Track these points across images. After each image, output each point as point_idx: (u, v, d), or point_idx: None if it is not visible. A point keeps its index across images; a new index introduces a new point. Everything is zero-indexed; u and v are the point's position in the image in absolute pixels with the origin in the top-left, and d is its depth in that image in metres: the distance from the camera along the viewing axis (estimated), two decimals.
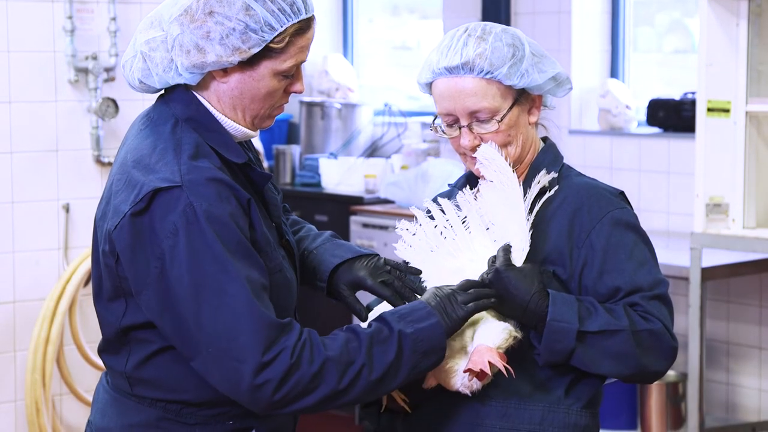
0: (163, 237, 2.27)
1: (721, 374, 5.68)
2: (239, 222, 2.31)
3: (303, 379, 2.26)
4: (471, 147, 2.55)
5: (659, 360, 2.47)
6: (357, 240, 6.23)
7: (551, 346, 2.43)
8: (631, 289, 2.48)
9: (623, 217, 2.53)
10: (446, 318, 2.37)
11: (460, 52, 2.52)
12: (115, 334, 2.42)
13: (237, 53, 2.34)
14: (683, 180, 5.76)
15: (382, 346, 2.32)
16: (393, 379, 2.33)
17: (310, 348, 2.28)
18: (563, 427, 2.51)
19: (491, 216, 2.52)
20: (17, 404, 5.19)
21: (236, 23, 2.33)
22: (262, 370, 2.24)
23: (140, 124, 2.47)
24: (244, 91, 2.40)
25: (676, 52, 6.63)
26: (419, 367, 2.35)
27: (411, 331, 2.33)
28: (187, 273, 2.26)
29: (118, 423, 2.45)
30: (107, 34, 5.29)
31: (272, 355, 2.25)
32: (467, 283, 2.42)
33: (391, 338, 2.32)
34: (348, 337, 2.33)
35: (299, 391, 2.27)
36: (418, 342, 2.34)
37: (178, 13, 2.36)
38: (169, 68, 2.39)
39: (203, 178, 2.30)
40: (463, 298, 2.40)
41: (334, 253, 2.62)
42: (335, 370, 2.28)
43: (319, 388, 2.28)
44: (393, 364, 2.32)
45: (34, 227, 5.17)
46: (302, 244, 2.67)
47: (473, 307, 2.40)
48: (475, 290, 2.42)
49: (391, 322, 2.34)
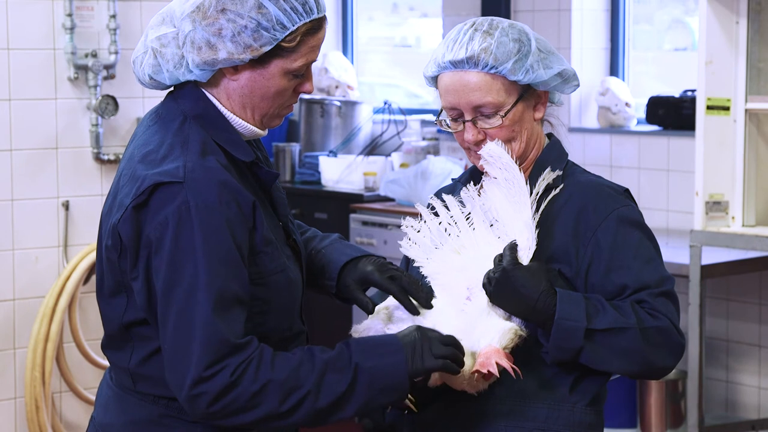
0: (153, 227, 2.29)
1: (721, 372, 5.68)
2: (235, 229, 2.30)
3: (241, 396, 2.26)
4: (474, 141, 2.55)
5: (667, 356, 2.46)
6: (357, 238, 6.23)
7: (559, 344, 2.42)
8: (639, 287, 2.47)
9: (629, 214, 2.53)
10: (411, 361, 2.33)
11: (465, 47, 2.52)
12: (117, 330, 2.43)
13: (248, 51, 2.34)
14: (683, 178, 5.75)
15: (336, 375, 2.30)
16: (342, 409, 2.32)
17: (257, 367, 2.27)
18: (568, 424, 2.51)
19: (495, 213, 2.52)
20: (17, 401, 5.19)
21: (248, 21, 2.33)
22: (200, 383, 2.26)
23: (149, 120, 2.47)
24: (254, 89, 2.39)
25: (675, 50, 6.63)
26: (375, 401, 2.33)
27: (370, 365, 2.31)
28: (165, 266, 2.28)
29: (120, 419, 2.45)
30: (107, 31, 5.28)
31: (213, 371, 2.25)
32: (449, 339, 2.38)
33: (347, 369, 2.31)
34: (302, 360, 2.31)
35: (237, 407, 2.27)
36: (376, 378, 2.31)
37: (190, 10, 2.36)
38: (180, 65, 2.39)
39: (207, 178, 2.30)
40: (437, 350, 2.35)
41: (343, 251, 2.62)
42: (277, 393, 2.28)
43: (259, 408, 2.28)
44: (344, 396, 2.30)
45: (33, 225, 5.16)
46: (310, 244, 2.67)
47: (441, 365, 2.35)
48: (452, 348, 2.36)
49: (353, 351, 2.33)
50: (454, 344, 2.37)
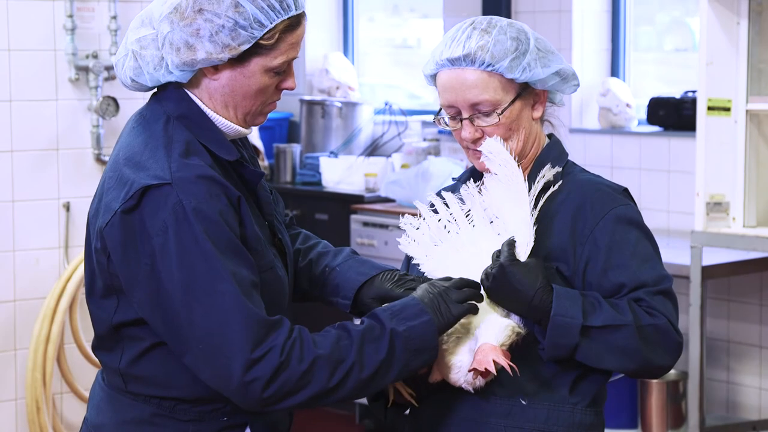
0: (153, 234, 2.28)
1: (722, 373, 5.68)
2: (229, 220, 2.32)
3: (292, 377, 2.27)
4: (472, 139, 2.55)
5: (664, 355, 2.46)
6: (357, 239, 6.23)
7: (555, 341, 2.42)
8: (636, 285, 2.47)
9: (627, 213, 2.53)
10: (439, 316, 2.37)
11: (463, 44, 2.52)
12: (107, 331, 2.44)
13: (227, 50, 2.35)
14: (684, 178, 5.76)
15: (374, 344, 2.32)
16: (384, 376, 2.34)
17: (300, 346, 2.28)
18: (568, 426, 2.51)
19: (495, 210, 2.52)
20: (18, 403, 5.19)
21: (225, 20, 2.34)
22: (252, 367, 2.25)
23: (133, 122, 2.49)
24: (235, 88, 2.40)
25: (676, 51, 6.63)
26: (411, 365, 2.36)
27: (403, 329, 2.34)
28: (177, 270, 2.27)
29: (112, 419, 2.46)
30: (108, 32, 5.29)
31: (261, 352, 2.25)
32: (461, 282, 2.42)
33: (383, 336, 2.33)
34: (339, 334, 2.33)
35: (289, 388, 2.27)
36: (410, 340, 2.34)
37: (168, 11, 2.37)
38: (160, 66, 2.40)
39: (193, 175, 2.31)
40: (456, 296, 2.40)
41: (359, 270, 2.61)
42: (325, 369, 2.29)
43: (309, 386, 2.28)
44: (384, 362, 2.32)
45: (34, 226, 5.17)
46: (323, 260, 2.67)
47: (467, 307, 2.40)
48: (469, 289, 2.41)
49: (383, 319, 2.35)
50: (467, 284, 2.42)
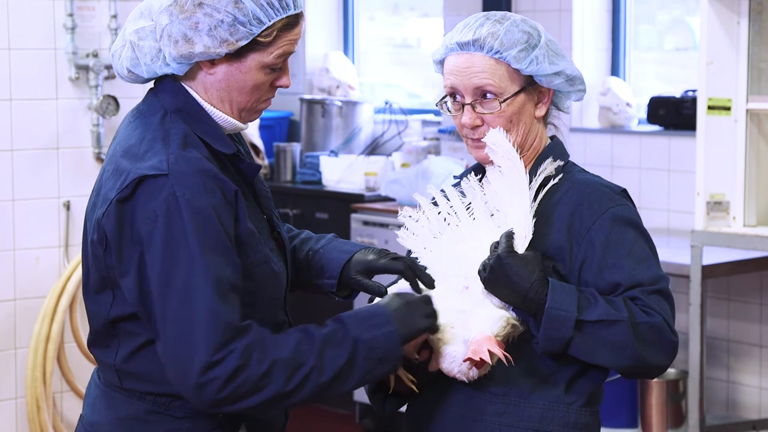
0: (142, 222, 2.30)
1: (722, 372, 5.68)
2: (222, 215, 2.32)
3: (250, 379, 2.27)
4: (471, 125, 2.55)
5: (659, 354, 2.45)
6: (357, 238, 6.23)
7: (549, 333, 2.42)
8: (631, 285, 2.47)
9: (623, 213, 2.53)
10: (402, 327, 2.37)
11: (474, 30, 2.54)
12: (103, 326, 2.44)
13: (224, 45, 2.36)
14: (684, 178, 5.76)
15: (335, 350, 2.33)
16: (344, 382, 2.34)
17: (261, 349, 2.29)
18: (563, 425, 2.50)
19: (496, 203, 2.52)
20: (18, 401, 5.19)
21: (225, 15, 2.35)
22: (209, 369, 2.26)
23: (131, 116, 2.50)
24: (231, 83, 2.41)
25: (676, 50, 6.64)
26: (373, 373, 2.36)
27: (367, 337, 2.34)
28: (159, 259, 2.29)
29: (108, 417, 2.46)
30: (108, 31, 5.29)
31: (221, 355, 2.26)
32: (427, 298, 2.44)
33: (346, 342, 2.33)
34: (300, 338, 2.33)
35: (245, 390, 2.28)
36: (374, 349, 2.34)
37: (168, 3, 2.39)
38: (157, 58, 2.41)
39: (190, 168, 2.32)
40: (426, 310, 2.41)
41: (342, 249, 2.63)
42: (284, 372, 2.29)
43: (266, 389, 2.29)
44: (344, 369, 2.33)
45: (34, 225, 5.16)
46: (306, 245, 2.68)
47: (431, 323, 2.41)
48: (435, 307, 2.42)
49: (348, 325, 2.35)
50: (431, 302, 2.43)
